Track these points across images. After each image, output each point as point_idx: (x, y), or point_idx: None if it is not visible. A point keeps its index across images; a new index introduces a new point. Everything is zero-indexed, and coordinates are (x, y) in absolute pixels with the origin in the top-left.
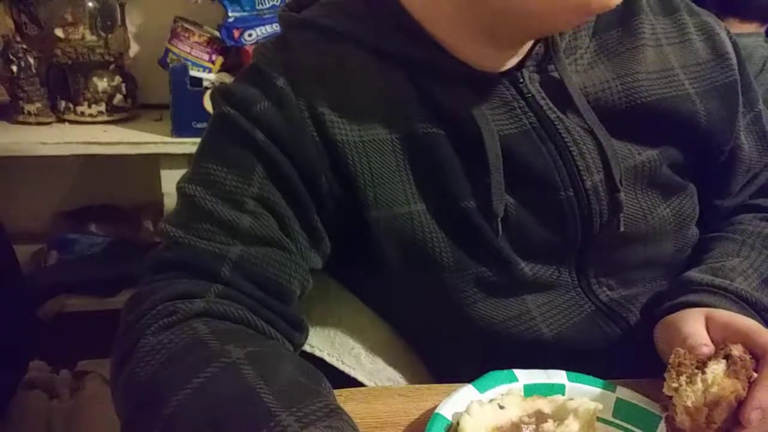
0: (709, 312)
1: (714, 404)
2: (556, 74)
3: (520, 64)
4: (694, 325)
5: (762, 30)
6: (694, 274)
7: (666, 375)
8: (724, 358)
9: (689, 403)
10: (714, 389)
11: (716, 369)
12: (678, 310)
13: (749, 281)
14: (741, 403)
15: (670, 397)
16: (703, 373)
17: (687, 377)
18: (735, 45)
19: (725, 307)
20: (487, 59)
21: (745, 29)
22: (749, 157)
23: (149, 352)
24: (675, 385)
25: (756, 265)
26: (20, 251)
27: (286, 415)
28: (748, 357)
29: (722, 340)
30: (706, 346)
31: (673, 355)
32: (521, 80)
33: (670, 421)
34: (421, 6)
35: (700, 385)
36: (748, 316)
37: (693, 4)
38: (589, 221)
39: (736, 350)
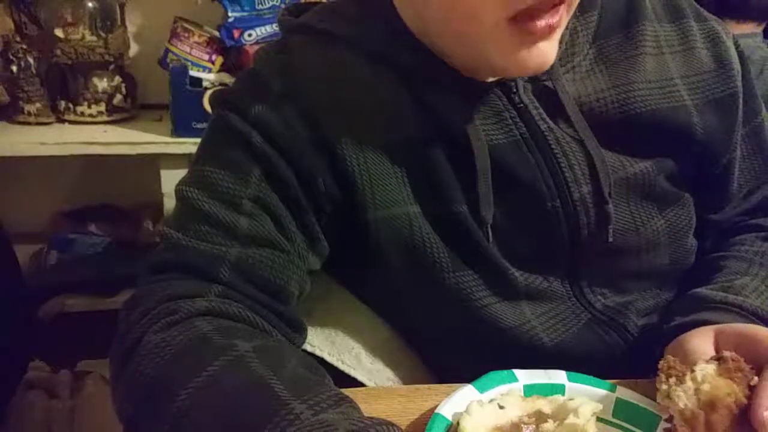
0: (718, 327)
1: (710, 407)
2: (549, 84)
3: None
4: (700, 341)
5: (759, 30)
6: (706, 291)
7: (656, 381)
8: (716, 360)
9: (682, 405)
10: (706, 387)
11: (706, 368)
12: (691, 328)
13: (762, 299)
14: (746, 409)
15: (672, 417)
16: (692, 372)
17: (676, 379)
18: (741, 55)
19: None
20: (478, 68)
21: (742, 30)
22: (745, 170)
23: (153, 350)
24: (665, 387)
25: None
26: (20, 251)
27: (298, 403)
28: (742, 359)
29: (734, 350)
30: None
31: (662, 361)
32: (514, 90)
33: None
34: (411, 15)
35: (689, 383)
36: None
37: (702, 10)
38: (577, 232)
39: (728, 353)
